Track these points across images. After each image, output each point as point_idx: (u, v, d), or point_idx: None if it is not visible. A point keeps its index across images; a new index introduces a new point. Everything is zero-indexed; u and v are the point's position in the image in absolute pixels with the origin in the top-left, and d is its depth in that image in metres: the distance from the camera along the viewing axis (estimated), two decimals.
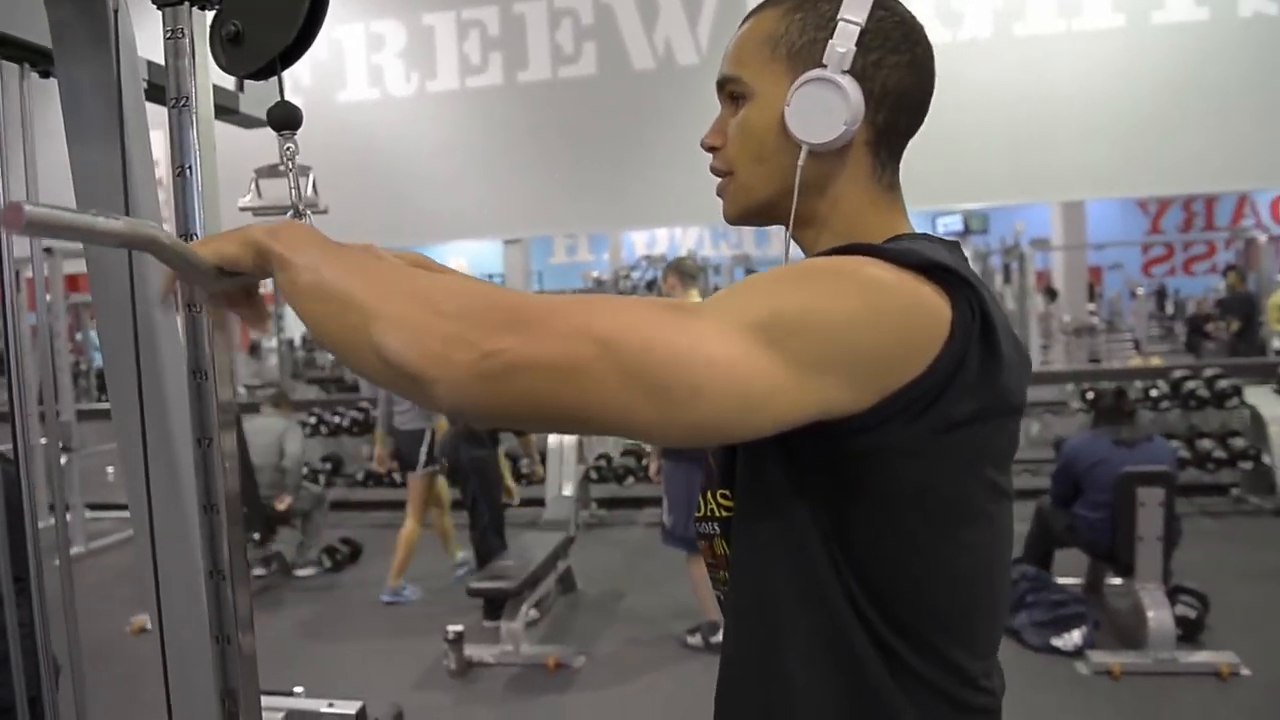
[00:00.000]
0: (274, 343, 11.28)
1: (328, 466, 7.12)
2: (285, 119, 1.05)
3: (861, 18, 0.82)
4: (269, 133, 1.05)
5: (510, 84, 7.74)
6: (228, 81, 1.60)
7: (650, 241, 15.59)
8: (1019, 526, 4.71)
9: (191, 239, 1.03)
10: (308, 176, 2.58)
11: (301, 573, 5.60)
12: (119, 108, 1.30)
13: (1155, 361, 8.52)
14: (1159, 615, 3.69)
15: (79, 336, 12.57)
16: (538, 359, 0.66)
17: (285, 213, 2.83)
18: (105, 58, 1.29)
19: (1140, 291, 14.04)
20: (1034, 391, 7.70)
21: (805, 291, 0.72)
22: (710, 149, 0.91)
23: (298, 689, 2.32)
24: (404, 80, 7.75)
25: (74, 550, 5.41)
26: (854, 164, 0.86)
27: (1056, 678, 3.71)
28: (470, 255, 15.21)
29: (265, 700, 2.19)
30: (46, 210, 0.66)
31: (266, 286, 0.85)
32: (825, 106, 0.82)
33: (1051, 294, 11.66)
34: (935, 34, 0.89)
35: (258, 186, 2.75)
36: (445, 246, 14.20)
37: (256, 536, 5.40)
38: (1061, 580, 4.29)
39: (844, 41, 0.82)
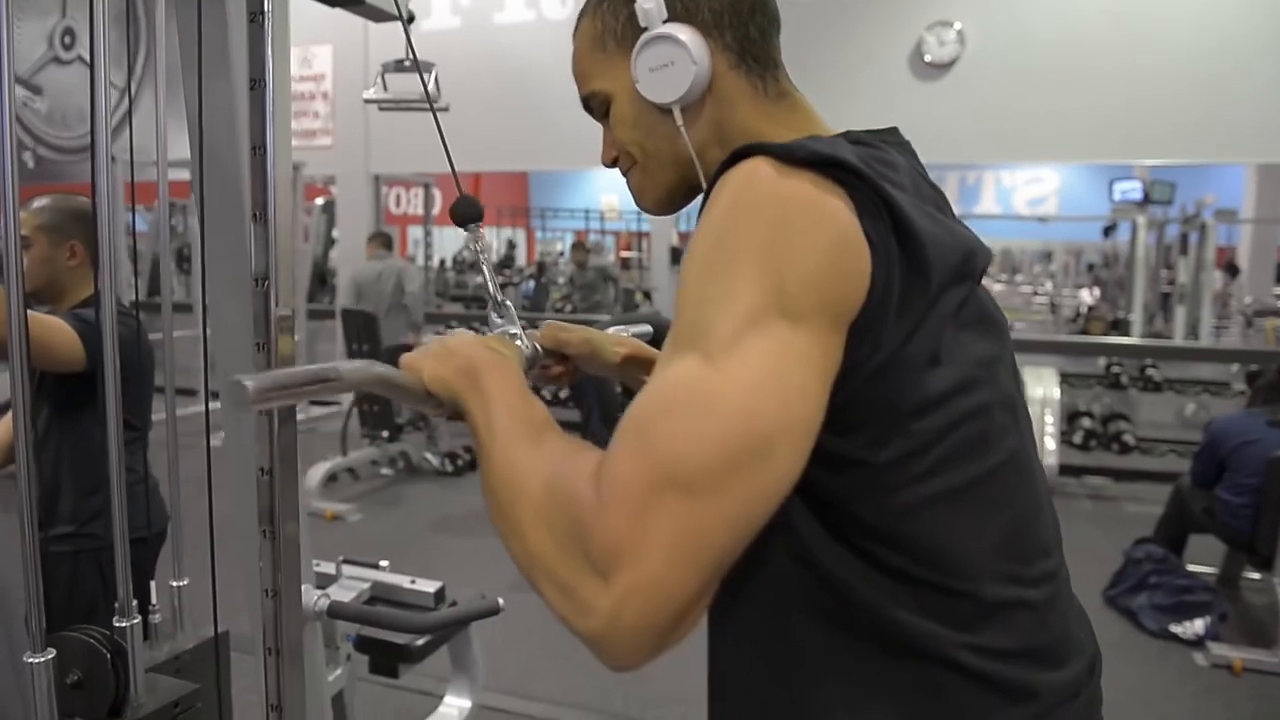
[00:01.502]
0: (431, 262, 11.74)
1: None
2: (469, 214, 1.05)
3: None
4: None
5: None
6: None
7: None
8: (1155, 509, 4.41)
9: (261, 152, 1.06)
10: (430, 72, 2.64)
11: (431, 461, 5.90)
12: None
13: None
14: None
15: None
16: (639, 579, 0.61)
17: (409, 107, 2.88)
18: None
19: None
20: (1191, 369, 7.19)
21: (727, 285, 0.67)
22: (612, 163, 0.92)
23: (383, 563, 2.44)
24: (559, 4, 7.75)
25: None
26: (730, 95, 0.83)
27: (1169, 666, 3.49)
28: (623, 191, 15.24)
29: (351, 570, 2.33)
30: (269, 379, 0.70)
31: None
32: (666, 62, 0.81)
33: (1233, 270, 10.73)
34: None
35: (384, 80, 2.84)
36: (595, 173, 14.30)
37: (385, 434, 5.70)
38: (1192, 568, 4.01)
39: None
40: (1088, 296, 12.54)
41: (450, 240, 15.59)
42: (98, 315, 1.14)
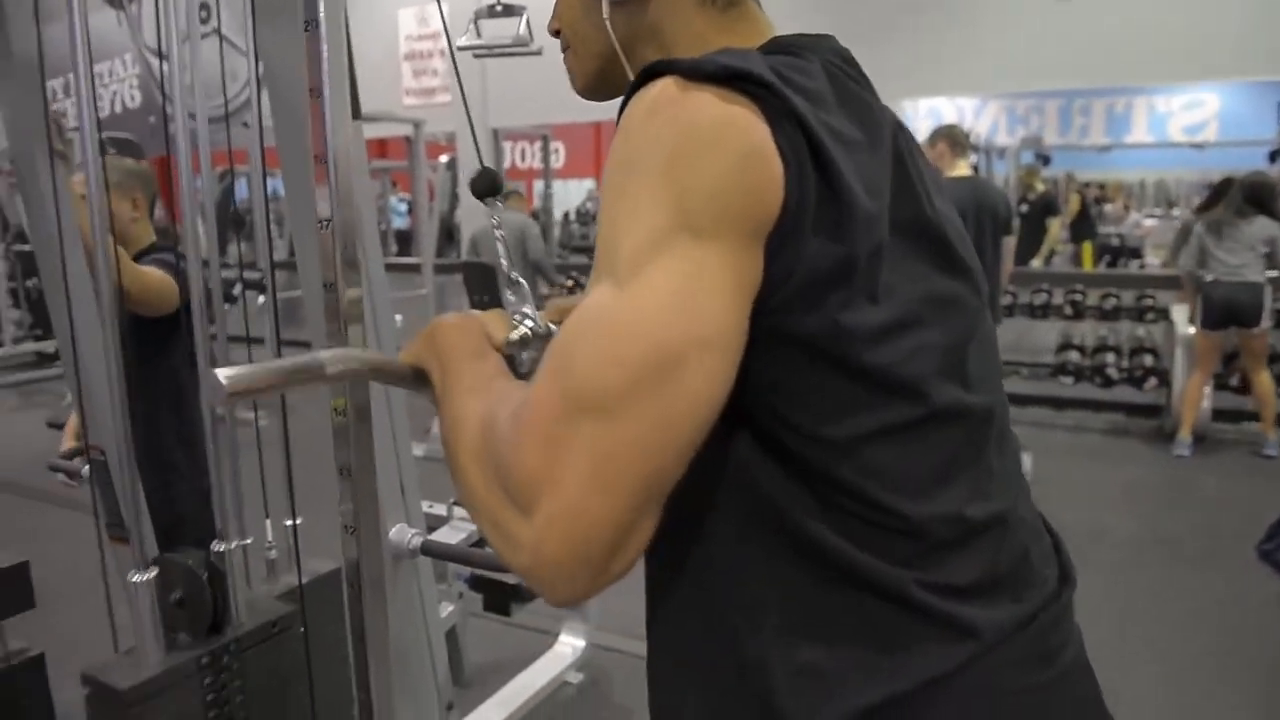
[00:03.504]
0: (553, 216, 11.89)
1: None
2: (489, 187, 1.07)
3: None
4: None
5: None
6: None
7: (934, 117, 14.53)
8: None
9: (318, 95, 1.06)
10: (522, 15, 2.63)
11: None
12: None
13: None
14: None
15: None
16: (557, 510, 0.60)
17: (501, 52, 2.89)
18: None
19: None
20: None
21: (629, 208, 0.65)
22: (555, 34, 0.90)
23: None
24: None
25: None
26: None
27: None
28: None
29: (462, 511, 2.38)
30: (245, 373, 0.72)
31: None
32: None
33: None
34: None
35: (476, 26, 2.84)
36: None
37: None
38: None
39: None
40: None
41: (574, 193, 15.74)
42: (176, 260, 1.19)
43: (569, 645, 2.97)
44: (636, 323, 0.62)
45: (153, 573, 1.13)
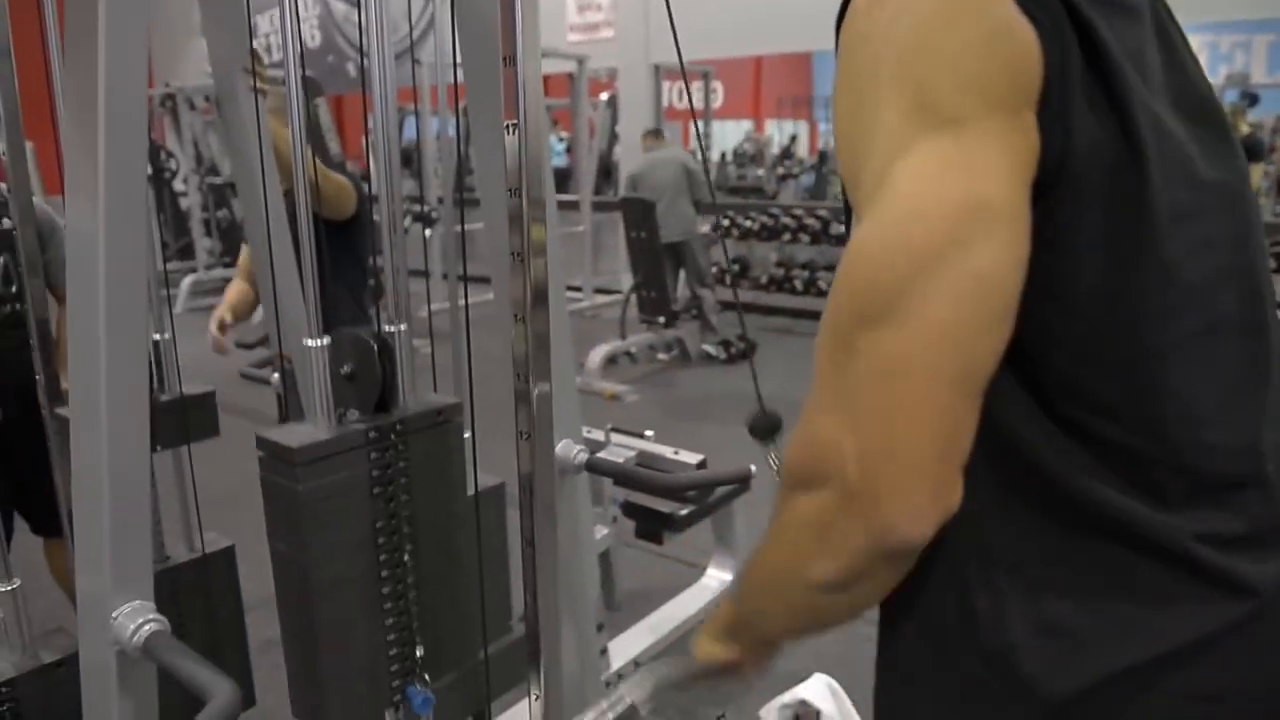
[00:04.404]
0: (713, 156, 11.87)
1: (735, 268, 7.42)
2: (769, 429, 1.15)
3: None
4: None
5: None
6: None
7: None
8: None
9: (510, 63, 1.08)
10: None
11: (707, 350, 6.04)
12: None
13: None
14: None
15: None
16: (869, 439, 0.57)
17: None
18: None
19: None
20: None
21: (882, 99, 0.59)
22: None
23: (648, 433, 2.53)
24: None
25: None
26: None
27: None
28: None
29: (619, 439, 2.44)
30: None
31: None
32: None
33: None
34: None
35: None
36: None
37: (662, 320, 5.88)
38: None
39: None
40: None
41: (732, 134, 15.52)
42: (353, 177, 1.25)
43: (716, 579, 3.00)
44: (893, 221, 0.57)
45: (326, 340, 1.22)
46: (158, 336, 1.74)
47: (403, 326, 1.28)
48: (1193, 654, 0.61)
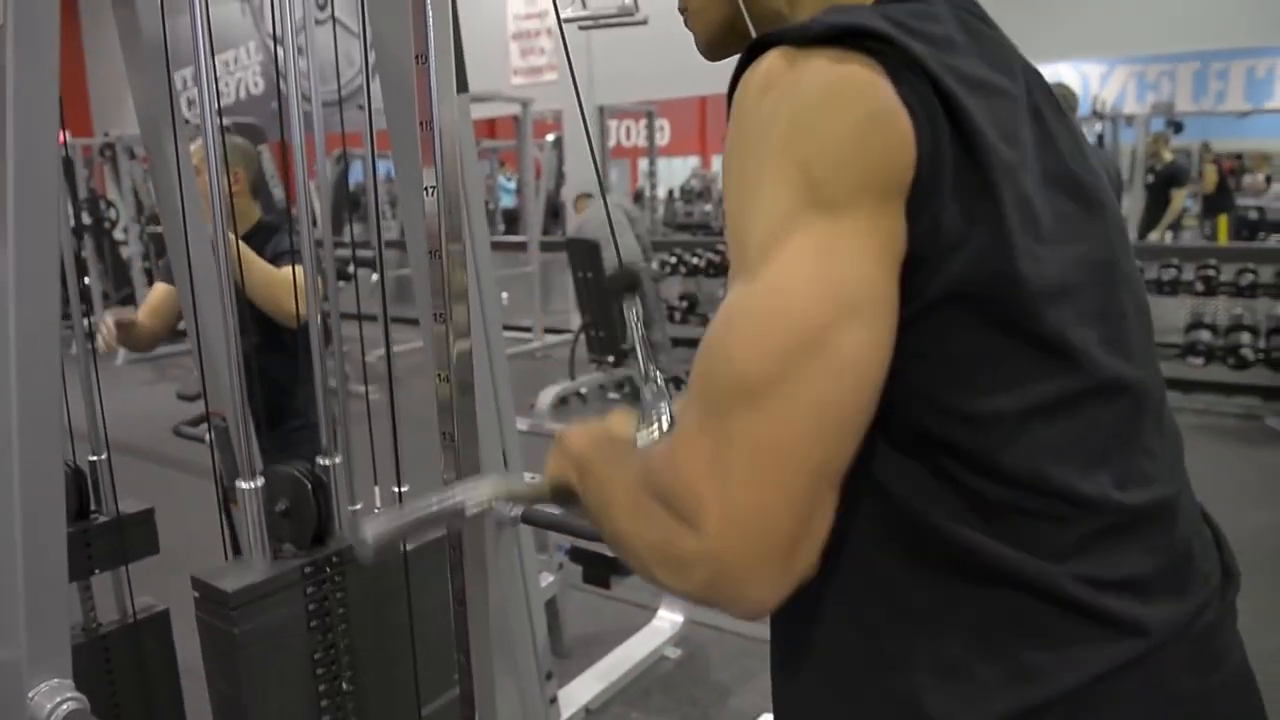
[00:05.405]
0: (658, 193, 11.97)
1: (683, 304, 7.47)
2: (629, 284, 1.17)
3: None
4: None
5: None
6: None
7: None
8: None
9: (423, 60, 1.08)
10: None
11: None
12: None
13: None
14: None
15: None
16: (729, 510, 0.57)
17: (605, 23, 2.88)
18: None
19: None
20: None
21: (750, 194, 0.61)
22: (682, 10, 0.84)
23: None
24: None
25: None
26: None
27: None
28: None
29: None
30: (387, 527, 0.77)
31: None
32: None
33: None
34: None
35: None
36: None
37: (611, 360, 5.88)
38: None
39: None
40: None
41: (679, 171, 15.66)
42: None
43: (667, 620, 2.98)
44: (773, 305, 0.58)
45: (260, 481, 1.21)
46: (94, 458, 1.62)
47: (338, 459, 1.30)
48: (1085, 695, 0.63)
